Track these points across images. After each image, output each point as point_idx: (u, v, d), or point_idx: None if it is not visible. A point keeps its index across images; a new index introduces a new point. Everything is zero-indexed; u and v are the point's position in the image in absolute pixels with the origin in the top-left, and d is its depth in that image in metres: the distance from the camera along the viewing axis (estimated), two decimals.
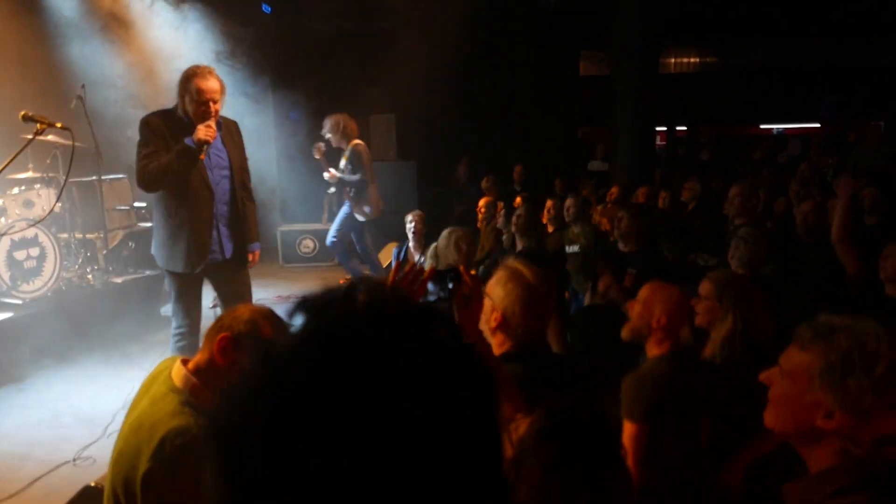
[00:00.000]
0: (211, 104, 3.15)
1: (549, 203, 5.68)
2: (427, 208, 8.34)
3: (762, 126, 14.75)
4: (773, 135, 14.29)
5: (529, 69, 10.00)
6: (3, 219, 4.60)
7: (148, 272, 5.83)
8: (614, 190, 6.47)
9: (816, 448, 1.18)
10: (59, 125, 2.75)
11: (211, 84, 3.15)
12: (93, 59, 6.52)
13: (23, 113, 2.70)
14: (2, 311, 4.42)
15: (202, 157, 3.12)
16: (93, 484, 2.34)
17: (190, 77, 3.13)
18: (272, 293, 6.71)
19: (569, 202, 5.26)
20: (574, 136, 10.33)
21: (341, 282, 1.80)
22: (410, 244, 4.77)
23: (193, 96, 3.12)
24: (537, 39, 9.96)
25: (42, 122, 2.62)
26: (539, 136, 9.89)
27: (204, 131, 3.08)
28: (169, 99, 6.60)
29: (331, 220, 8.19)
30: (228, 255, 3.41)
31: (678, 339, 2.21)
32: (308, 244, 8.07)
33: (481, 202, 6.25)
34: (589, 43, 10.66)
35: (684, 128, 13.21)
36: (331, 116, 6.32)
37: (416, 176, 8.33)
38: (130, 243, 6.07)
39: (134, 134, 7.11)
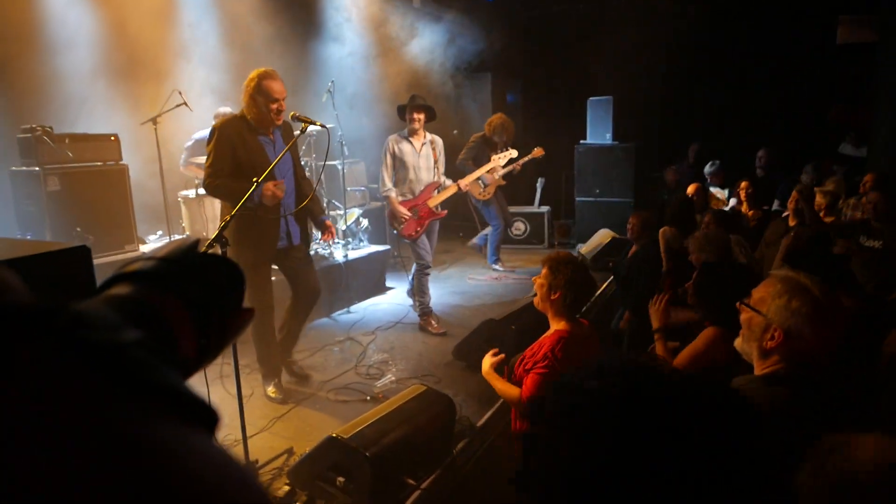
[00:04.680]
0: (281, 103, 3.44)
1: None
2: (643, 194, 8.03)
3: None
4: None
5: (773, 39, 8.92)
6: None
7: (379, 247, 6.49)
8: (868, 178, 5.57)
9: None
10: (318, 124, 3.19)
11: (279, 85, 3.44)
12: (339, 59, 7.37)
13: (293, 114, 3.20)
14: None
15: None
16: (334, 435, 2.73)
17: (261, 78, 3.40)
18: (485, 274, 7.03)
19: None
20: (825, 115, 9.00)
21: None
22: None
23: (265, 96, 3.39)
24: (784, 3, 8.82)
25: (306, 122, 3.07)
26: (783, 115, 8.82)
27: (271, 197, 3.39)
28: (393, 94, 7.21)
29: (542, 205, 8.28)
30: (296, 241, 3.78)
31: None
32: (519, 226, 8.26)
33: (690, 189, 5.77)
34: (850, 5, 9.15)
35: None
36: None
37: (635, 160, 7.99)
38: (364, 220, 6.80)
39: (369, 123, 7.83)
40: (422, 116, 5.03)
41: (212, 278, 0.61)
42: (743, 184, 5.90)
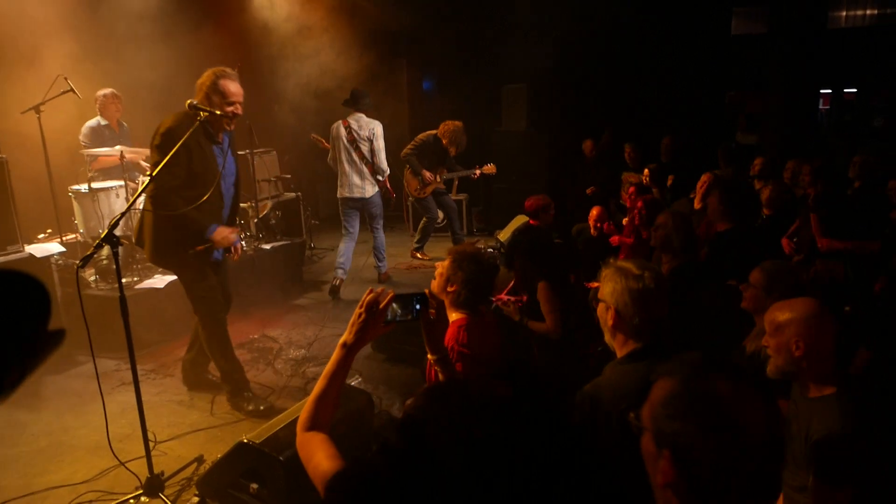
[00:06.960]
0: (238, 106, 3.28)
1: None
2: (557, 183, 8.18)
3: None
4: None
5: (674, 29, 9.30)
6: None
7: (293, 240, 6.28)
8: (757, 162, 5.92)
9: None
10: (217, 112, 3.01)
11: (236, 86, 3.28)
12: (242, 43, 7.04)
13: (189, 101, 2.99)
14: (171, 275, 4.98)
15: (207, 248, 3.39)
16: (245, 440, 2.61)
17: (219, 77, 3.23)
18: (404, 262, 6.98)
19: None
20: (722, 102, 9.49)
21: None
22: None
23: (222, 97, 3.23)
24: None
25: (204, 111, 2.89)
26: (683, 103, 9.21)
27: (222, 241, 3.38)
28: (306, 81, 6.95)
29: (460, 192, 8.28)
30: (219, 257, 3.66)
31: (836, 368, 1.84)
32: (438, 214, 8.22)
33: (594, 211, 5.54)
34: None
35: (854, 90, 11.69)
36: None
37: (547, 148, 8.13)
38: (277, 212, 6.56)
39: (280, 110, 7.53)
40: None
41: (8, 299, 0.53)
42: (645, 171, 6.08)
